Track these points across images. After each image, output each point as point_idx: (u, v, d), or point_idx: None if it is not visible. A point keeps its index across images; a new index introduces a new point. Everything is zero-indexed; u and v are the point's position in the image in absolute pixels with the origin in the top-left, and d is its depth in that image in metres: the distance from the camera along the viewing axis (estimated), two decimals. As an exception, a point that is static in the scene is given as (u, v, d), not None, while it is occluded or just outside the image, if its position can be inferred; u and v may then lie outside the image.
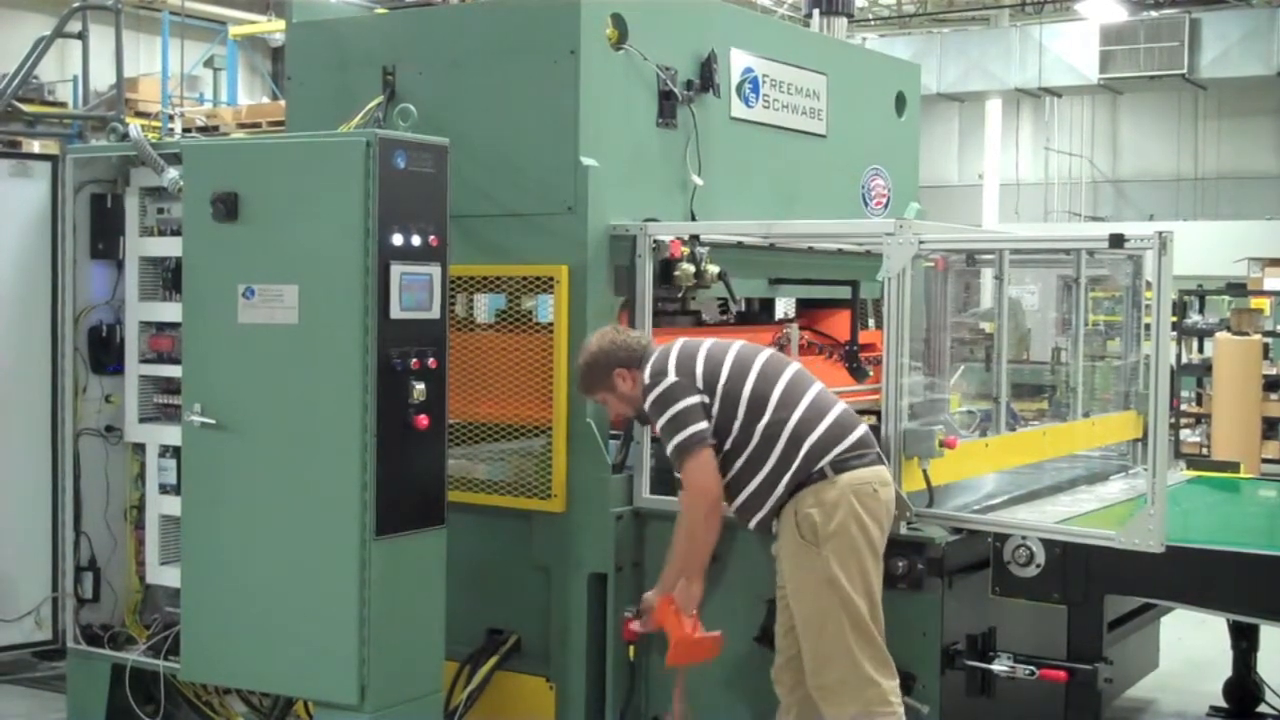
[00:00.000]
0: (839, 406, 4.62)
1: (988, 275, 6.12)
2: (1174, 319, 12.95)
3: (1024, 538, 4.79)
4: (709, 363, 4.60)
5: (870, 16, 27.17)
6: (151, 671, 5.24)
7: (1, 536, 6.00)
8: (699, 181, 5.73)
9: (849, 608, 4.37)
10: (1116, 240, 4.86)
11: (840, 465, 4.45)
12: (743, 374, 4.59)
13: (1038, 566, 4.77)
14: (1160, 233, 4.64)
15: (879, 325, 5.83)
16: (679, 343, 4.71)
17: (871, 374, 5.95)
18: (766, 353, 4.74)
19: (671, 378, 4.55)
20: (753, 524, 4.61)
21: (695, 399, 4.52)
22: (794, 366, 4.73)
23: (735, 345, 4.72)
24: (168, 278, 5.36)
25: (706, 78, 5.77)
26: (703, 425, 4.50)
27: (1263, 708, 5.90)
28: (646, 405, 4.61)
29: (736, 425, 4.54)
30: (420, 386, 4.69)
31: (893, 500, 4.57)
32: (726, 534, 5.07)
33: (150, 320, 5.38)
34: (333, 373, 4.64)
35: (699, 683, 5.16)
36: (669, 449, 4.55)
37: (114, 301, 5.54)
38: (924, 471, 4.84)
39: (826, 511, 4.40)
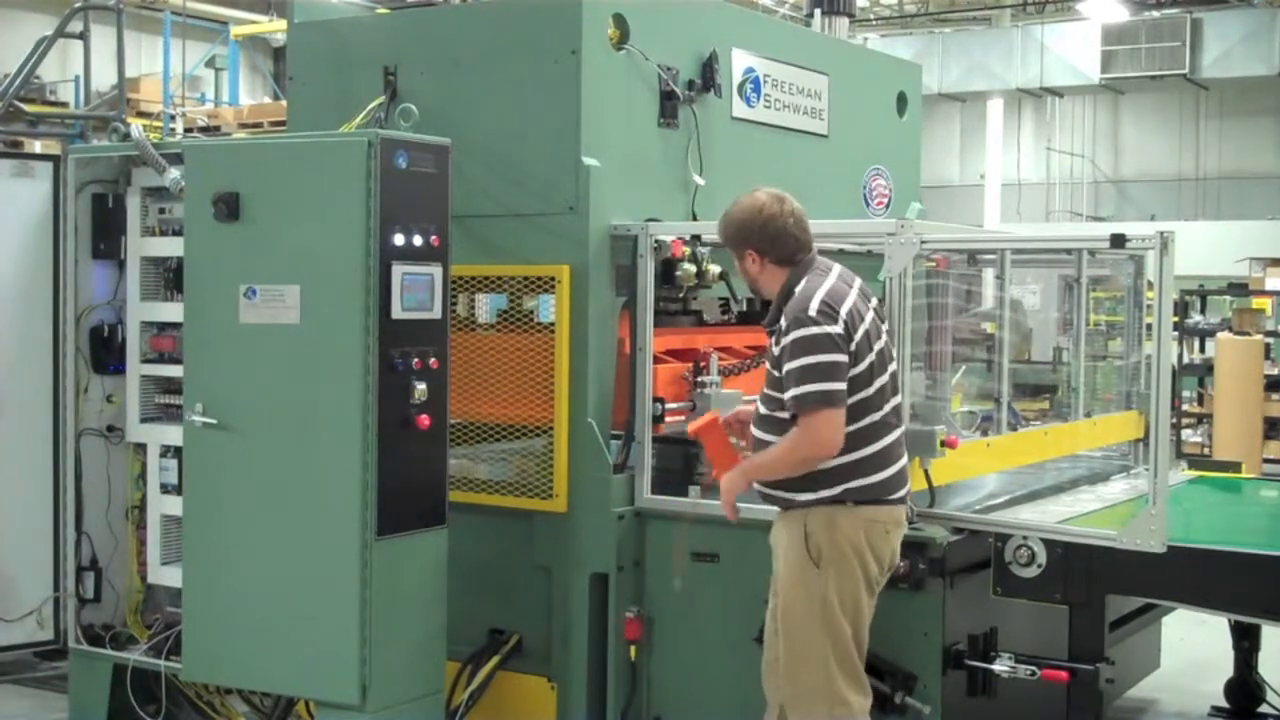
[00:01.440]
0: (903, 459, 4.45)
1: (989, 275, 6.12)
2: (1175, 319, 12.95)
3: (1025, 538, 4.79)
4: (860, 346, 4.29)
5: (872, 16, 27.18)
6: (153, 671, 5.24)
7: (3, 536, 6.01)
8: (700, 181, 5.73)
9: (834, 628, 4.34)
10: (1118, 240, 4.86)
11: (864, 499, 4.35)
12: (869, 380, 4.32)
13: (1039, 566, 4.77)
14: (1162, 233, 4.63)
15: (880, 325, 5.82)
16: (855, 290, 4.38)
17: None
18: (893, 367, 4.48)
19: (836, 328, 4.23)
20: (764, 491, 4.48)
21: (844, 359, 4.23)
22: (898, 397, 4.49)
23: (885, 339, 4.44)
24: (169, 278, 5.36)
25: (708, 78, 5.77)
26: (844, 387, 4.22)
27: (1264, 708, 5.90)
28: (791, 335, 4.24)
29: None
30: (421, 386, 4.69)
31: (899, 543, 4.48)
32: (726, 534, 5.08)
33: (152, 320, 5.39)
34: (334, 373, 4.64)
35: (698, 683, 5.17)
36: (799, 391, 4.19)
37: (115, 301, 5.54)
38: (925, 471, 4.83)
39: (835, 538, 4.33)
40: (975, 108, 27.12)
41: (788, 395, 4.24)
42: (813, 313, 4.24)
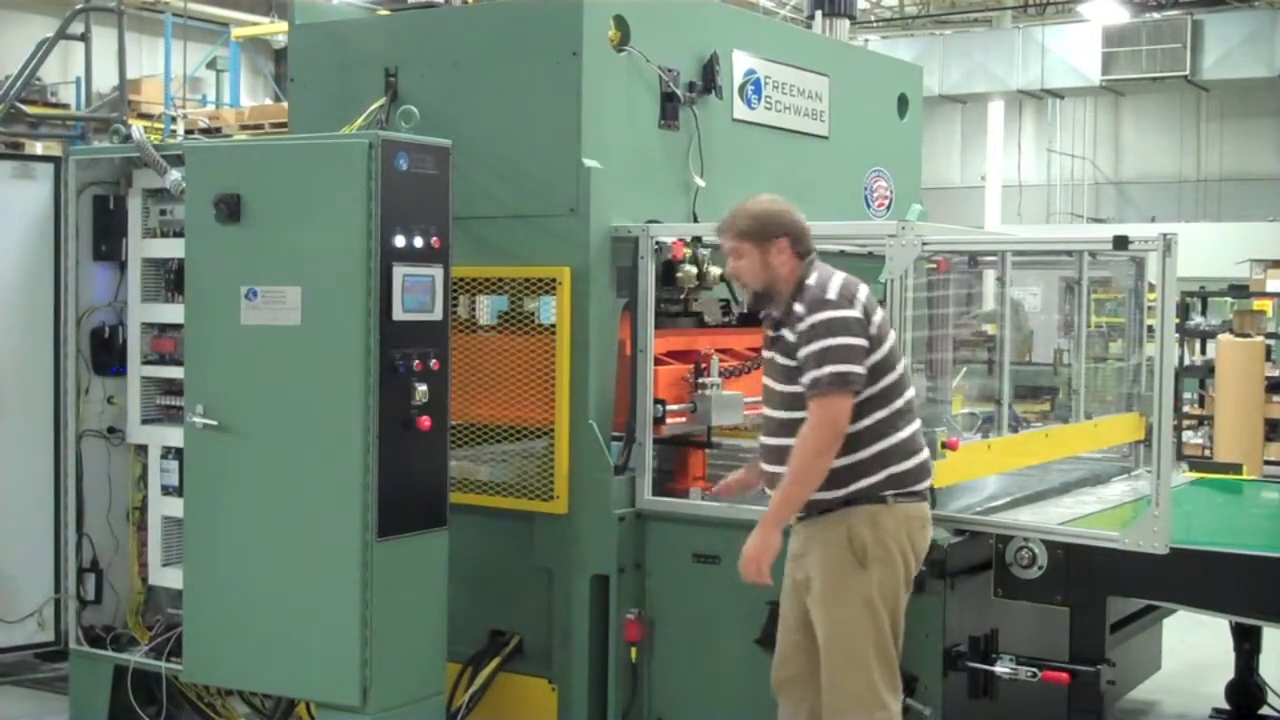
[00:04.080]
0: (925, 450, 4.44)
1: (990, 277, 6.12)
2: (1176, 320, 12.93)
3: (1026, 539, 4.79)
4: (880, 331, 4.32)
5: (872, 18, 27.18)
6: (154, 673, 5.24)
7: (4, 538, 6.02)
8: (701, 183, 5.73)
9: (878, 631, 4.31)
10: (1120, 242, 4.86)
11: (902, 496, 4.34)
12: (888, 368, 4.33)
13: (1040, 568, 4.77)
14: (1165, 235, 4.63)
15: (881, 327, 5.82)
16: (864, 286, 4.41)
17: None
18: (906, 360, 4.52)
19: (857, 312, 4.25)
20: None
21: (863, 343, 4.24)
22: (911, 390, 4.47)
23: (893, 335, 4.45)
24: (170, 279, 5.36)
25: (708, 79, 5.77)
26: (863, 371, 4.22)
27: (1265, 710, 5.89)
28: (810, 319, 4.23)
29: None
30: (422, 388, 4.69)
31: (929, 539, 4.48)
32: (726, 534, 5.08)
33: (152, 322, 5.39)
34: (335, 374, 4.64)
35: (699, 685, 5.17)
36: (818, 373, 4.17)
37: (116, 303, 5.54)
38: (926, 473, 4.82)
39: (880, 537, 4.29)
40: (976, 109, 27.12)
41: (807, 378, 4.21)
42: (832, 296, 4.26)
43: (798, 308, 4.31)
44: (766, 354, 4.50)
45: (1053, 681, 4.77)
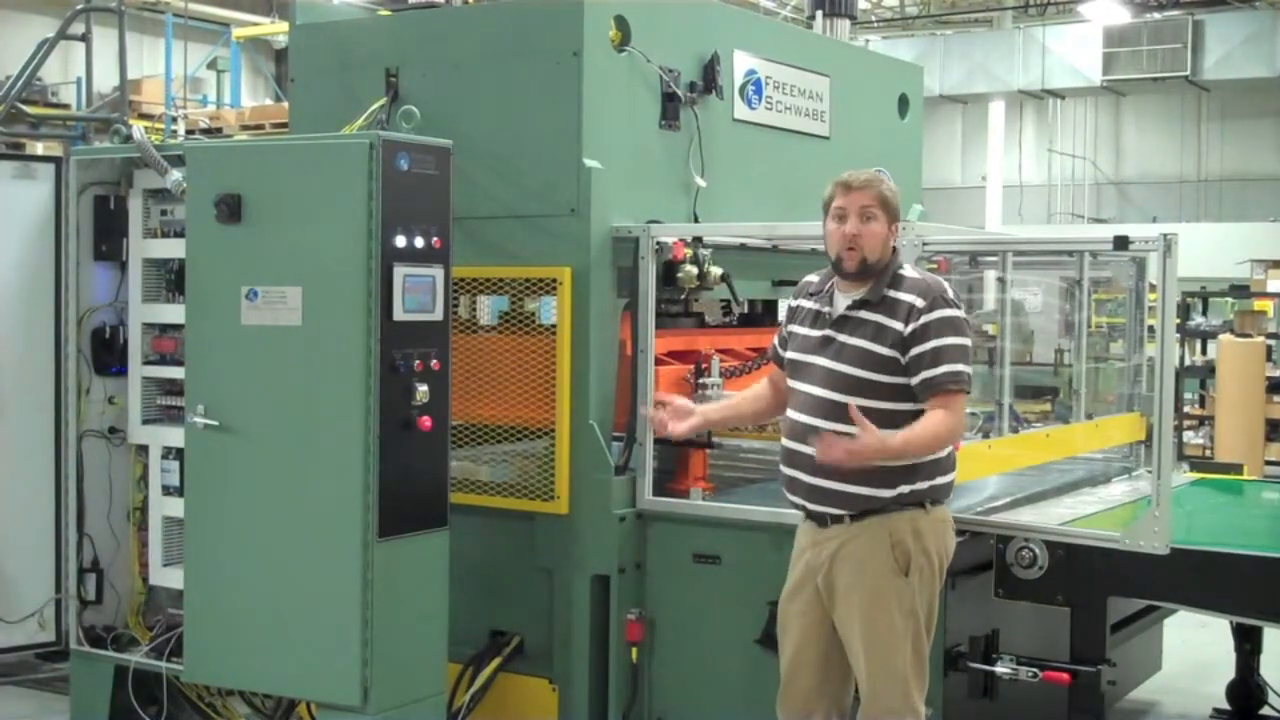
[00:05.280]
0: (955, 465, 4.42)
1: (991, 277, 6.12)
2: (1177, 321, 12.92)
3: (1027, 539, 4.79)
4: None
5: (873, 18, 27.19)
6: (154, 673, 5.24)
7: (5, 538, 6.03)
8: (702, 183, 5.73)
9: (917, 639, 4.26)
10: (1121, 243, 4.87)
11: (937, 499, 4.30)
12: None
13: (1040, 568, 4.77)
14: (1165, 235, 4.63)
15: (882, 327, 5.81)
16: None
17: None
18: None
19: (964, 314, 4.27)
20: (839, 489, 4.23)
21: None
22: None
23: None
24: (171, 279, 5.36)
25: (709, 79, 5.77)
26: None
27: (1265, 710, 5.90)
28: (936, 313, 4.14)
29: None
30: (423, 388, 4.69)
31: (954, 540, 4.43)
32: (727, 534, 5.08)
33: (153, 322, 5.38)
34: (336, 374, 4.64)
35: (700, 685, 5.17)
36: (955, 368, 4.11)
37: (117, 303, 5.54)
38: (927, 473, 4.82)
39: (923, 545, 4.24)
40: (977, 109, 27.13)
41: (939, 370, 4.11)
42: (951, 295, 4.22)
43: (908, 298, 4.19)
44: (820, 333, 4.31)
45: (1053, 682, 4.77)
